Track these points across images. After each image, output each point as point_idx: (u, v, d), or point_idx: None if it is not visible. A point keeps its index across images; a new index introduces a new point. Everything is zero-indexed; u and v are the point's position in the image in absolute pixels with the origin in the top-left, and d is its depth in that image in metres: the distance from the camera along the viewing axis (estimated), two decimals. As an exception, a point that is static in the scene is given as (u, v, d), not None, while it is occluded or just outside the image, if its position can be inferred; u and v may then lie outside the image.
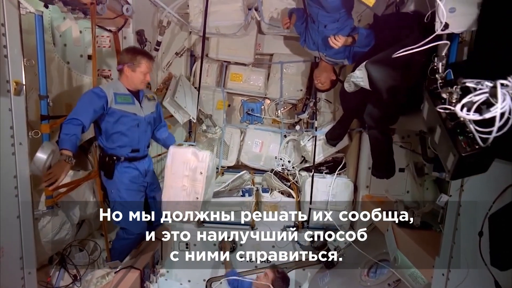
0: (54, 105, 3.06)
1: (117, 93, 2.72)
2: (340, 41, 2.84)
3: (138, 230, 2.98)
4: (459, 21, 1.81)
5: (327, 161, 4.31)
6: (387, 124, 2.91)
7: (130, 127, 2.80)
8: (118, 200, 2.85)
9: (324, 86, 3.58)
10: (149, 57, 2.82)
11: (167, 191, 2.80)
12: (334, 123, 4.12)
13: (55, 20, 3.26)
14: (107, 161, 2.78)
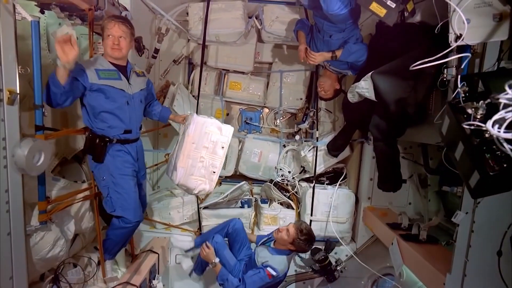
0: (49, 113, 2.95)
1: (100, 69, 2.48)
2: (315, 57, 2.84)
3: (136, 218, 2.71)
4: (474, 33, 1.76)
5: (328, 171, 4.24)
6: (394, 136, 2.85)
7: (120, 105, 2.56)
8: (113, 187, 2.60)
9: (327, 94, 3.54)
10: (115, 19, 2.50)
11: (184, 160, 2.66)
12: (334, 133, 4.08)
13: (51, 25, 3.15)
14: (98, 143, 2.51)
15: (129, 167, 2.71)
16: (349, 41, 2.94)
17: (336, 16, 2.65)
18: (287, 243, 2.99)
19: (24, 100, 2.37)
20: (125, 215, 2.66)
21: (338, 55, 2.95)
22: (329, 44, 3.03)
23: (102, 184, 2.64)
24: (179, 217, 4.08)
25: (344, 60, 2.98)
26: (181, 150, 2.68)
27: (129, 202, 2.67)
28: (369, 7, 2.07)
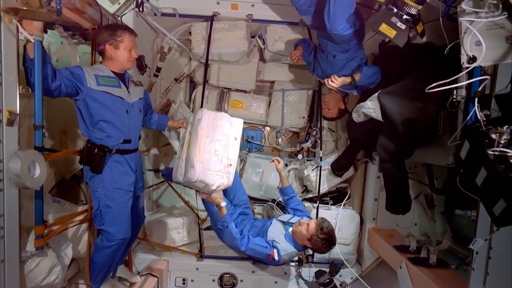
0: (48, 132, 2.89)
1: (99, 75, 2.43)
2: (336, 82, 2.81)
3: (120, 235, 2.56)
4: (486, 55, 1.73)
5: (331, 191, 4.16)
6: (402, 157, 2.80)
7: (119, 113, 2.49)
8: (104, 200, 2.49)
9: (331, 113, 3.50)
10: (131, 31, 2.55)
11: (200, 155, 2.55)
12: (337, 153, 4.03)
13: (53, 44, 3.14)
14: (96, 153, 2.41)
15: (126, 180, 2.61)
16: (353, 61, 2.92)
17: (340, 36, 2.63)
18: (304, 238, 2.83)
19: (24, 118, 2.31)
20: (109, 230, 2.54)
21: (357, 79, 2.90)
22: (333, 64, 3.02)
23: (95, 196, 2.53)
24: (179, 238, 3.97)
25: (361, 84, 2.94)
26: (195, 146, 2.59)
27: (118, 218, 2.55)
28: (378, 29, 2.05)
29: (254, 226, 3.13)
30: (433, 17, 2.45)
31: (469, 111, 1.91)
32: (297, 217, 3.08)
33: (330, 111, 3.51)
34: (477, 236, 1.91)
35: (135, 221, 2.85)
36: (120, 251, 2.71)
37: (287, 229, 2.97)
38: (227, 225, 2.79)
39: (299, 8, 2.76)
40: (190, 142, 2.68)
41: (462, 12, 1.78)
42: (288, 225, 3.02)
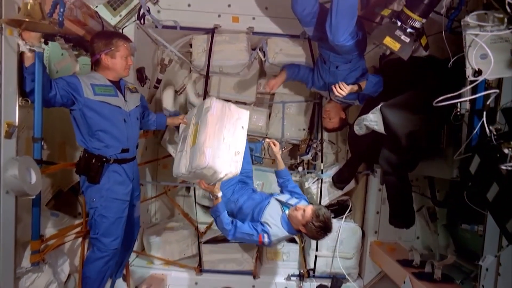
0: (47, 143, 2.84)
1: (96, 84, 2.38)
2: (345, 90, 2.78)
3: (113, 245, 2.52)
4: (491, 68, 1.72)
5: (332, 204, 4.12)
6: (406, 170, 2.78)
7: (117, 122, 2.46)
8: (100, 210, 2.44)
9: (333, 122, 3.47)
10: (125, 38, 2.53)
11: (210, 141, 2.49)
12: (338, 165, 4.01)
13: (53, 55, 3.12)
14: (94, 163, 2.38)
15: (123, 190, 2.57)
16: (356, 72, 2.93)
17: (342, 47, 2.64)
18: (299, 224, 2.70)
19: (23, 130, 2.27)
20: (103, 240, 2.49)
21: (363, 87, 2.89)
22: (335, 75, 3.02)
23: (91, 205, 2.48)
24: (178, 251, 3.90)
25: (367, 92, 2.93)
26: (204, 132, 2.55)
27: (112, 228, 2.51)
28: (383, 42, 2.05)
29: (251, 198, 3.03)
30: (434, 31, 2.46)
31: (474, 124, 1.89)
32: (295, 199, 2.98)
33: (331, 121, 3.49)
34: (485, 252, 1.87)
35: (131, 230, 2.80)
36: (112, 262, 2.64)
37: (284, 211, 2.85)
38: (219, 215, 2.70)
39: (303, 19, 2.77)
40: (197, 131, 2.64)
41: (466, 26, 1.78)
42: (285, 207, 2.90)
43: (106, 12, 3.20)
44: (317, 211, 2.65)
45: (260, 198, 3.01)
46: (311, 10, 2.63)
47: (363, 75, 2.97)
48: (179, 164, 2.73)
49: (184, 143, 2.77)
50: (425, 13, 2.00)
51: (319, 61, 3.11)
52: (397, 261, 3.20)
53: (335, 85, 2.80)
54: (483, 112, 1.74)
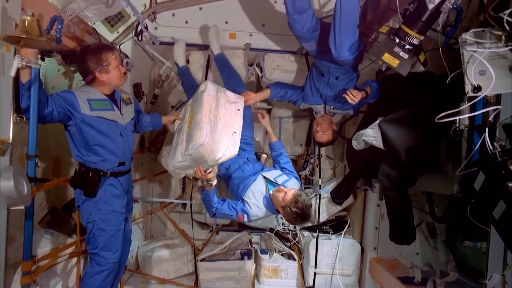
0: (40, 159, 2.79)
1: (92, 99, 2.35)
2: (357, 96, 2.77)
3: (113, 258, 2.48)
4: (490, 84, 1.73)
5: (330, 220, 4.08)
6: (406, 185, 2.76)
7: (114, 137, 2.44)
8: (98, 224, 2.41)
9: (326, 135, 3.37)
10: (112, 47, 2.48)
11: (207, 117, 2.47)
12: (336, 180, 3.99)
13: (49, 71, 3.09)
14: (91, 177, 2.35)
15: (120, 202, 2.54)
16: (353, 81, 2.97)
17: (347, 61, 2.66)
18: (279, 205, 2.66)
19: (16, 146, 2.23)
20: (102, 254, 2.44)
21: (368, 91, 2.89)
22: (334, 85, 3.03)
23: (89, 220, 2.44)
24: (174, 270, 3.81)
25: (370, 97, 2.93)
26: (200, 112, 2.54)
27: (111, 241, 2.47)
28: (381, 58, 2.06)
29: (241, 169, 2.98)
30: (430, 47, 2.49)
31: (474, 140, 1.89)
32: (284, 177, 2.95)
33: (325, 134, 3.36)
34: (490, 270, 1.84)
35: (123, 244, 2.73)
36: (112, 276, 2.58)
37: (269, 190, 2.81)
38: (209, 200, 2.71)
39: (303, 36, 2.76)
40: (193, 115, 2.64)
41: (464, 43, 1.80)
42: (271, 185, 2.85)
43: (104, 29, 3.20)
44: (297, 197, 2.59)
45: (249, 172, 2.98)
46: (310, 25, 2.64)
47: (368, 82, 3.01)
48: (174, 153, 2.71)
49: (180, 134, 2.76)
50: (423, 30, 2.02)
51: (315, 74, 3.10)
52: (398, 278, 3.16)
53: (347, 93, 2.78)
54: (484, 128, 1.74)
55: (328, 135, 3.38)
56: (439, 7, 1.89)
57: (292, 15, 2.54)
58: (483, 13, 1.86)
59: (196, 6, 3.49)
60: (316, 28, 2.72)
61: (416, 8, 1.99)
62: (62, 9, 2.50)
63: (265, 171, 2.99)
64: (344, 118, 4.00)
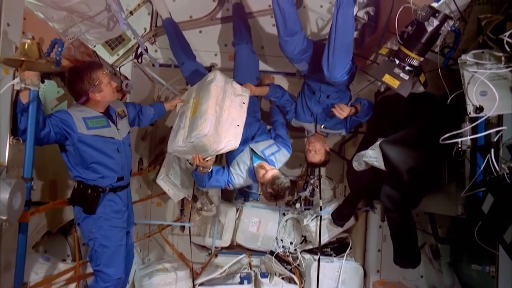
0: (37, 181, 2.74)
1: (87, 117, 2.32)
2: (345, 110, 2.80)
3: (117, 274, 2.45)
4: (493, 105, 1.73)
5: (331, 242, 4.01)
6: (409, 207, 2.72)
7: (111, 153, 2.42)
8: (100, 240, 2.39)
9: (319, 155, 3.28)
10: (100, 65, 2.44)
11: (213, 108, 2.51)
12: (337, 201, 3.93)
13: (49, 93, 3.09)
14: (90, 194, 2.33)
15: (120, 218, 2.52)
16: (344, 100, 2.98)
17: (339, 82, 2.67)
18: (258, 180, 2.77)
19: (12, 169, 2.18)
20: (106, 270, 2.41)
21: (359, 109, 2.92)
22: (325, 104, 3.05)
23: (90, 237, 2.42)
24: (172, 295, 3.69)
25: (361, 114, 2.95)
26: (207, 102, 2.56)
27: (114, 257, 2.45)
28: (382, 79, 2.07)
29: None
30: (429, 68, 2.50)
31: (477, 161, 1.87)
32: (274, 147, 3.06)
33: (318, 154, 3.27)
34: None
35: (126, 259, 2.69)
36: None
37: (253, 162, 2.90)
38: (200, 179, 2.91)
39: (294, 58, 2.79)
40: (199, 102, 2.65)
41: (464, 64, 1.80)
42: (256, 158, 2.90)
43: (104, 51, 3.25)
44: (275, 179, 2.71)
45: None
46: (301, 47, 2.67)
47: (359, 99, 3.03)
48: (175, 138, 2.72)
49: (182, 118, 2.76)
50: (423, 51, 2.04)
51: (306, 92, 3.12)
52: (403, 303, 3.05)
53: (334, 107, 2.80)
54: (489, 149, 1.72)
55: (320, 155, 3.28)
56: (438, 29, 1.92)
57: (284, 37, 2.58)
58: (481, 35, 1.89)
59: (196, 29, 3.54)
60: (307, 50, 2.74)
61: (415, 30, 2.01)
62: (63, 33, 2.53)
63: (255, 141, 3.06)
64: (343, 138, 3.99)
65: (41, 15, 2.40)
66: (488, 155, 1.69)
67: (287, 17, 2.43)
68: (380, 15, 2.74)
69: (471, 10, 2.35)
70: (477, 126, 1.92)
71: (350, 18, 2.30)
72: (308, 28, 3.53)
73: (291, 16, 2.44)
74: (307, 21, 3.51)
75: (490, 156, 1.45)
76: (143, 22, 3.50)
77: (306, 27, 3.57)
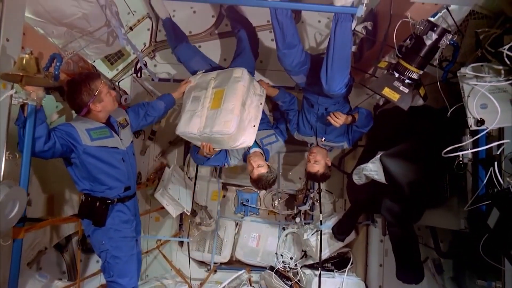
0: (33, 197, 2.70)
1: (90, 128, 2.29)
2: (340, 118, 2.77)
3: (131, 284, 2.47)
4: (493, 117, 1.72)
5: (332, 257, 3.94)
6: (410, 220, 2.68)
7: (116, 163, 2.41)
8: (111, 252, 2.40)
9: (317, 166, 3.16)
10: (97, 75, 2.43)
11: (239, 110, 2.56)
12: (337, 215, 3.89)
13: (47, 108, 3.07)
14: (98, 207, 2.33)
15: (129, 227, 2.53)
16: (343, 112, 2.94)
17: (337, 95, 2.67)
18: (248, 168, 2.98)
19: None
20: (119, 281, 2.42)
21: (356, 117, 2.89)
22: (324, 117, 3.02)
23: (101, 249, 2.42)
24: (170, 313, 3.62)
25: (359, 124, 2.92)
26: (232, 100, 2.60)
27: (127, 267, 2.46)
28: (381, 92, 2.07)
29: None
30: (427, 81, 2.51)
31: (479, 174, 1.85)
32: (273, 138, 3.22)
33: (316, 164, 3.17)
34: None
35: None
36: None
37: (251, 148, 3.04)
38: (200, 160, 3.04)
39: (292, 70, 2.79)
40: (223, 97, 2.66)
41: (463, 77, 1.80)
42: (254, 145, 2.98)
43: (104, 66, 3.25)
44: (259, 180, 2.93)
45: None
46: (299, 59, 2.68)
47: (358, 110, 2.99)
48: (188, 123, 2.75)
49: (197, 104, 2.78)
50: (422, 65, 2.05)
51: (305, 105, 3.11)
52: (406, 320, 2.98)
53: (330, 114, 2.78)
54: (491, 162, 1.71)
55: (319, 167, 3.17)
56: (436, 43, 1.93)
57: (282, 50, 2.59)
58: (480, 48, 1.89)
59: (195, 44, 3.55)
60: (306, 62, 2.76)
61: (414, 44, 2.02)
62: (62, 48, 2.53)
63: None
64: (343, 152, 3.98)
65: (41, 31, 2.41)
66: (491, 169, 1.67)
67: (285, 30, 2.44)
68: (378, 29, 2.76)
69: (467, 24, 2.37)
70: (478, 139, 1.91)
71: (348, 32, 2.31)
72: (306, 43, 3.55)
73: (289, 29, 2.46)
74: (305, 36, 3.54)
75: (493, 169, 1.43)
76: (143, 37, 3.52)
77: (304, 41, 3.59)
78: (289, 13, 2.39)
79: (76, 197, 3.23)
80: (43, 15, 2.30)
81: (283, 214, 4.37)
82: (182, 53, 3.20)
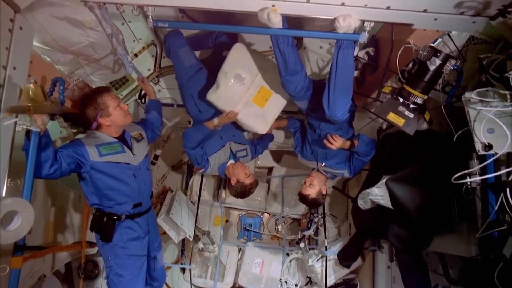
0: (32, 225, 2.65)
1: (100, 144, 2.28)
2: (337, 141, 2.71)
3: None
4: (501, 142, 1.71)
5: (338, 283, 3.83)
6: (419, 246, 2.61)
7: (126, 179, 2.38)
8: (115, 269, 2.39)
9: (312, 189, 3.08)
10: (106, 89, 2.39)
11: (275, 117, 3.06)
12: (342, 241, 3.80)
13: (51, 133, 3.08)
14: (105, 222, 2.34)
15: (138, 246, 2.48)
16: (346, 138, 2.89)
17: (339, 121, 2.66)
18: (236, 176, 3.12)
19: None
20: None
21: (356, 143, 2.83)
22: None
23: (107, 264, 2.42)
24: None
25: (359, 150, 2.85)
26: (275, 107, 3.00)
27: (129, 286, 2.42)
28: (386, 117, 2.06)
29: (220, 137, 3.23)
30: (431, 106, 2.51)
31: (489, 199, 1.81)
32: (244, 152, 3.34)
33: (310, 187, 3.10)
34: None
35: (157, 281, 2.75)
36: None
37: (229, 160, 3.19)
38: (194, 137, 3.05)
39: (296, 95, 2.80)
40: (269, 98, 2.97)
41: (468, 102, 1.80)
42: (232, 157, 3.22)
43: (108, 92, 3.26)
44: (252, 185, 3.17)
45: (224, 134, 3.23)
46: (303, 85, 2.69)
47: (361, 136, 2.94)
48: (225, 99, 2.88)
49: (240, 85, 2.87)
50: (426, 89, 2.05)
51: (308, 130, 3.10)
52: None
53: (327, 137, 2.74)
54: (502, 187, 1.68)
55: (312, 191, 3.09)
56: (440, 68, 1.94)
57: (285, 77, 2.61)
58: (484, 73, 1.90)
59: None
60: (309, 88, 2.77)
61: (418, 69, 2.03)
62: (69, 75, 2.57)
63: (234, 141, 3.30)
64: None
65: (47, 58, 2.45)
66: (502, 194, 1.64)
67: (288, 58, 2.46)
68: (380, 54, 2.79)
69: (467, 49, 2.40)
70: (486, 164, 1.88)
71: (351, 58, 2.32)
72: (309, 68, 3.59)
73: (291, 57, 2.48)
74: (307, 62, 3.57)
75: (504, 195, 1.40)
76: (147, 63, 3.56)
77: (306, 67, 3.62)
78: (291, 41, 2.40)
79: (78, 222, 3.19)
80: (50, 44, 2.34)
81: (287, 239, 4.29)
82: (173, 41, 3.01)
